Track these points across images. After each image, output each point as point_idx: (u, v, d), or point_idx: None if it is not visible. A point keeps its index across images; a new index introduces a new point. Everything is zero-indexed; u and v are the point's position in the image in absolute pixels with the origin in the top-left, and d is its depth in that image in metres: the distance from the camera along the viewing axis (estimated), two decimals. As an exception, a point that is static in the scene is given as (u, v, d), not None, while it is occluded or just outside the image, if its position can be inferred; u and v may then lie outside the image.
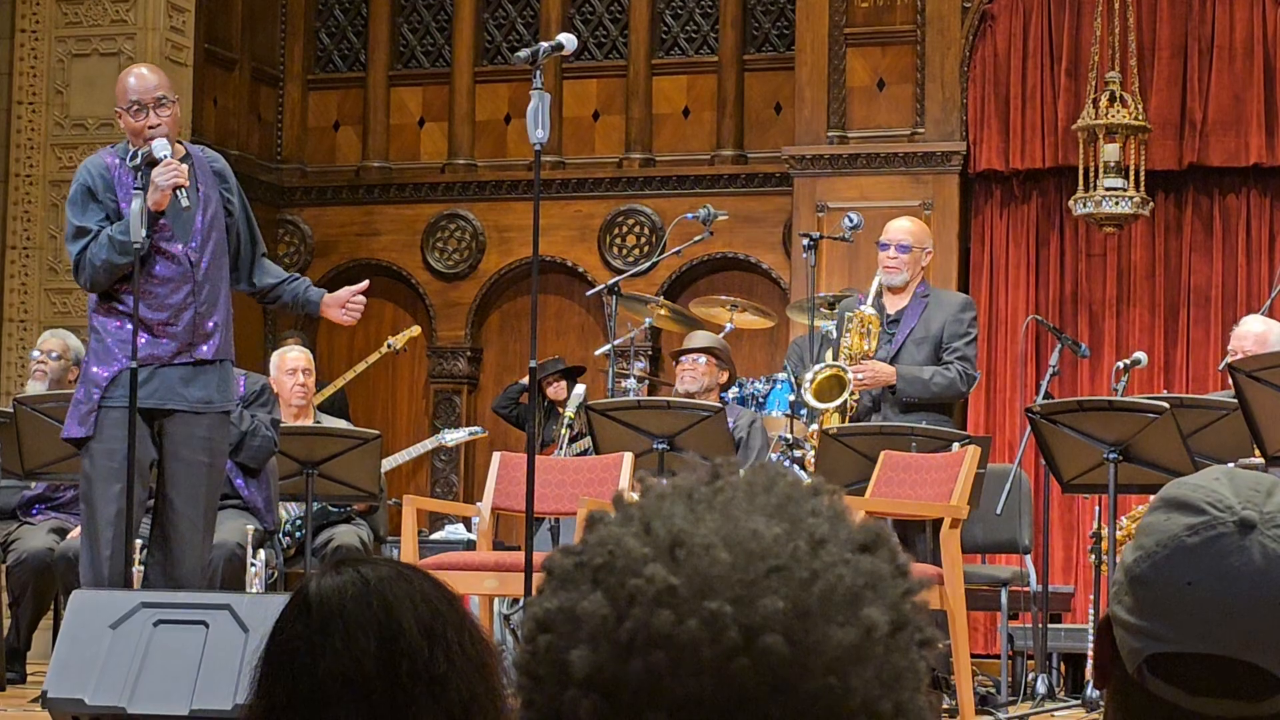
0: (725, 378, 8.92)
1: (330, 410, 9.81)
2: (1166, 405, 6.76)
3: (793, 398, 8.38)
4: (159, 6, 11.13)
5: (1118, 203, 10.07)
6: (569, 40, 6.02)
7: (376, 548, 8.63)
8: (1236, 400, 6.49)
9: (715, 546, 1.14)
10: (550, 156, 11.90)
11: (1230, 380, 6.55)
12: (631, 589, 1.14)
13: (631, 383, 9.38)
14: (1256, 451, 6.51)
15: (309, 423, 8.33)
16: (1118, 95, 10.21)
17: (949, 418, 7.89)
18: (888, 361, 7.71)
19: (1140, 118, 10.23)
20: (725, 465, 1.22)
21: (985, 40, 11.10)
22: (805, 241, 8.38)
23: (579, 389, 9.14)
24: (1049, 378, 8.23)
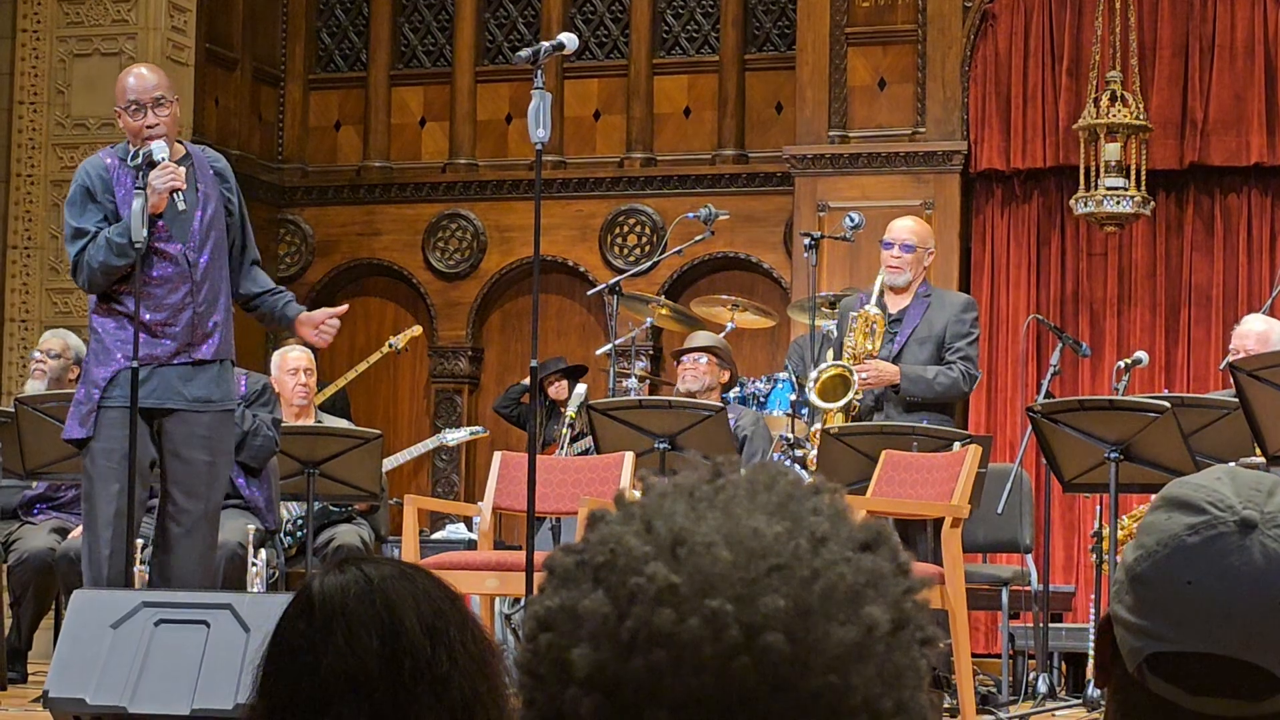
0: (726, 377, 8.91)
1: (331, 410, 9.80)
2: (1167, 404, 6.76)
3: (794, 397, 8.38)
4: (160, 6, 11.13)
5: (1119, 202, 10.06)
6: (570, 40, 6.01)
7: (377, 547, 8.63)
8: (1237, 399, 6.49)
9: (716, 545, 1.14)
10: (551, 156, 11.89)
11: (1231, 379, 6.55)
12: (633, 587, 1.14)
13: (633, 382, 9.37)
14: (1257, 451, 6.50)
15: (310, 422, 8.33)
16: (1119, 95, 10.21)
17: (950, 417, 7.89)
18: (890, 361, 7.71)
19: (1141, 117, 10.23)
20: (726, 464, 1.22)
21: (986, 40, 11.10)
22: (806, 241, 8.38)
23: (580, 389, 9.14)
24: (1050, 377, 8.23)
